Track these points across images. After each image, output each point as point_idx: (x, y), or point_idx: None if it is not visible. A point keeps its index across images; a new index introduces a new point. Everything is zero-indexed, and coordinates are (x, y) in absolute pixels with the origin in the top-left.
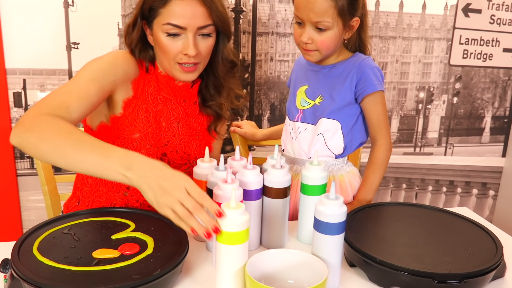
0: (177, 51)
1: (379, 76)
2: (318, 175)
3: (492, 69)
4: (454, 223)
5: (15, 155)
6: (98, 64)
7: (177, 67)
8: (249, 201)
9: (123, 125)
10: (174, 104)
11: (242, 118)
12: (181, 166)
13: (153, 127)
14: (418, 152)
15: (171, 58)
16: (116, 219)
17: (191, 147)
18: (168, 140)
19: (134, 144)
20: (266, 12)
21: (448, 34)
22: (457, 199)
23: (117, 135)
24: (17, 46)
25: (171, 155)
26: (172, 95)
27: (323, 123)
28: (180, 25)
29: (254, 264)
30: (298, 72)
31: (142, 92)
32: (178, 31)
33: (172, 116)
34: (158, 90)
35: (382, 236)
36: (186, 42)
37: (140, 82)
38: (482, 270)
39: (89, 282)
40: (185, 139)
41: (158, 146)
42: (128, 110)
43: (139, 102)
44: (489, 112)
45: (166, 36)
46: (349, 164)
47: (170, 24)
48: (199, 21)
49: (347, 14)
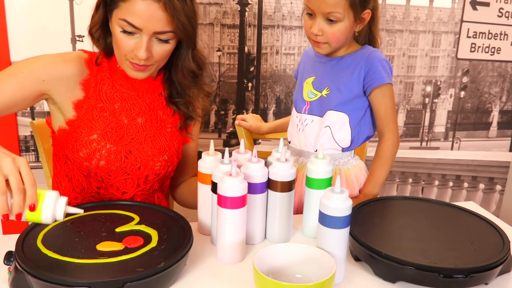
0: (129, 49)
1: (388, 68)
2: (324, 168)
3: (500, 63)
4: (460, 217)
5: (20, 148)
6: (30, 61)
7: (127, 63)
8: (253, 194)
9: (80, 127)
10: (134, 99)
11: (247, 112)
12: (150, 162)
13: (111, 126)
14: (424, 146)
15: (122, 54)
16: (120, 212)
17: (159, 141)
18: (132, 137)
19: (93, 146)
20: (271, 5)
21: (456, 27)
22: (464, 194)
23: (75, 138)
24: (22, 38)
25: (137, 152)
26: (132, 90)
27: (331, 116)
28: (135, 25)
29: (262, 259)
30: (306, 63)
31: (94, 92)
32: (133, 30)
33: (133, 112)
34: (114, 87)
35: (387, 230)
36: (139, 43)
37: (91, 81)
38: (488, 265)
39: (93, 275)
40: (152, 133)
41: (122, 145)
42: (81, 111)
43: (92, 102)
44: (496, 106)
45: (120, 32)
46: (355, 158)
47: (126, 21)
48: (157, 26)
49: (359, 7)
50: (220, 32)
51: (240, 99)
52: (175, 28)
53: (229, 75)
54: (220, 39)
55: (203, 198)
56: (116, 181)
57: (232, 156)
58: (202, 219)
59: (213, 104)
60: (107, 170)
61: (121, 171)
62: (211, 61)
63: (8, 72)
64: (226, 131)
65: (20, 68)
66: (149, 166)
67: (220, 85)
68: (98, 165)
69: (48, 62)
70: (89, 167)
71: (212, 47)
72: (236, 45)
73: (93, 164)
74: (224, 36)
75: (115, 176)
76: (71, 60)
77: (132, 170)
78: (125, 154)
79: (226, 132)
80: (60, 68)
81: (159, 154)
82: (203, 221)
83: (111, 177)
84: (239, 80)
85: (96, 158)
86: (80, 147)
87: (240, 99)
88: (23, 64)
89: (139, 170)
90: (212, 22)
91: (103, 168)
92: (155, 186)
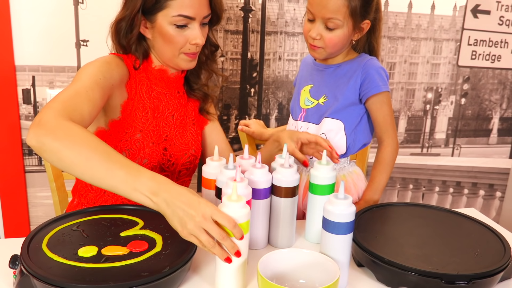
0: (185, 41)
1: (384, 76)
2: (327, 174)
3: (500, 70)
4: (462, 224)
5: (23, 152)
6: (97, 68)
7: (182, 57)
8: (257, 199)
9: (123, 128)
10: (168, 98)
11: (250, 117)
12: (181, 157)
13: (152, 124)
14: (425, 152)
15: (178, 49)
16: (125, 216)
17: (187, 136)
18: (166, 134)
19: (137, 144)
20: (275, 11)
21: (457, 35)
22: (464, 200)
23: (118, 139)
24: (27, 43)
25: (171, 148)
26: (166, 89)
27: (326, 123)
28: (191, 15)
29: (266, 264)
30: (304, 71)
31: (136, 93)
32: (186, 22)
33: (167, 110)
34: (150, 88)
35: (390, 236)
36: (194, 32)
37: (132, 83)
38: (490, 271)
39: (98, 279)
40: (181, 130)
41: (159, 142)
42: (126, 112)
43: (135, 103)
44: (497, 113)
45: (175, 28)
46: (352, 164)
47: (182, 15)
48: (204, 11)
49: (359, 16)
50: (223, 38)
51: (242, 104)
52: (214, 7)
53: (232, 81)
54: (223, 44)
55: None
56: None
57: (236, 161)
58: None
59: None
60: (148, 168)
61: (160, 168)
62: None
63: (85, 80)
64: (229, 136)
65: (95, 74)
66: (181, 161)
67: (222, 90)
68: (142, 163)
69: (110, 67)
70: None
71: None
72: (239, 50)
73: (136, 162)
74: (227, 42)
75: None
76: (120, 64)
77: (168, 166)
78: (162, 151)
79: (228, 137)
80: (118, 71)
81: (188, 149)
82: None
83: None
84: (242, 86)
85: (140, 156)
86: (124, 146)
87: (243, 104)
88: (94, 70)
89: (173, 166)
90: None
91: (146, 166)
92: (186, 183)
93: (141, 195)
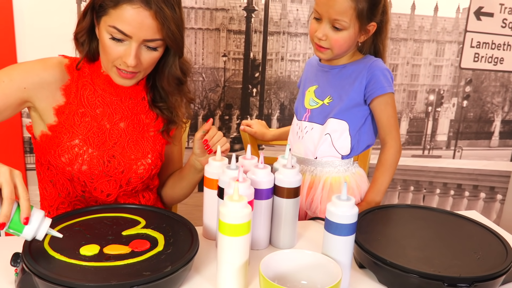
0: (117, 56)
1: (389, 78)
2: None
3: (503, 73)
4: (464, 226)
5: (24, 149)
6: (9, 69)
7: (114, 70)
8: (259, 200)
9: (61, 132)
10: (116, 104)
11: (252, 117)
12: (133, 166)
13: (93, 131)
14: (426, 154)
15: (110, 61)
16: (127, 215)
17: (143, 144)
18: (114, 141)
19: (75, 150)
20: (278, 12)
21: (460, 37)
22: (465, 203)
23: (57, 144)
24: (30, 41)
25: (120, 156)
26: (114, 95)
27: (331, 123)
28: (125, 32)
29: (268, 264)
30: (308, 72)
31: (75, 97)
32: (122, 37)
33: (115, 116)
34: (95, 93)
35: (391, 238)
36: (128, 50)
37: (72, 87)
38: (492, 274)
39: (99, 277)
40: (134, 138)
41: (104, 149)
42: (62, 117)
43: (73, 107)
44: (498, 116)
45: (109, 38)
46: (355, 165)
47: (115, 28)
48: (147, 34)
49: (365, 18)
50: (226, 38)
51: (244, 104)
52: (165, 36)
53: (234, 81)
54: (226, 44)
55: (209, 203)
56: (99, 184)
57: (238, 162)
58: (207, 224)
59: (217, 108)
60: (89, 174)
61: (103, 175)
62: (217, 66)
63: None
64: (230, 136)
65: (3, 75)
66: (133, 169)
67: (224, 90)
68: (81, 169)
69: (28, 69)
70: (71, 172)
71: (218, 52)
72: (242, 50)
73: (75, 169)
74: (230, 42)
75: (97, 180)
76: (51, 66)
77: (115, 173)
78: (108, 159)
79: (230, 137)
80: (40, 74)
81: (142, 157)
82: (208, 226)
83: (94, 180)
84: (244, 86)
85: (78, 163)
86: (62, 152)
87: (245, 104)
88: (2, 73)
89: (122, 173)
90: (218, 27)
91: (85, 172)
92: (139, 187)
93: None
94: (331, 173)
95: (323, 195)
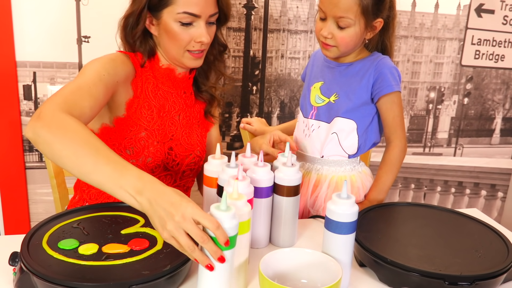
0: (189, 39)
1: (397, 76)
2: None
3: (503, 70)
4: (465, 224)
5: (24, 148)
6: (102, 64)
7: (187, 55)
8: (259, 198)
9: (128, 125)
10: (174, 97)
11: (252, 115)
12: (186, 158)
13: (158, 123)
14: (427, 152)
15: (182, 47)
16: (126, 214)
17: (193, 137)
18: (172, 134)
19: (142, 143)
20: (278, 9)
21: (460, 34)
22: (466, 200)
23: (123, 136)
24: (28, 38)
25: (176, 148)
26: (172, 88)
27: (338, 122)
28: (196, 13)
29: (268, 263)
30: (314, 66)
31: (142, 91)
32: (192, 19)
33: (173, 109)
34: (157, 86)
35: (392, 236)
36: (199, 30)
37: (138, 81)
38: (494, 273)
39: (98, 276)
40: (187, 130)
41: (164, 142)
42: (131, 110)
43: (140, 101)
44: (499, 113)
45: (179, 25)
46: (361, 164)
47: (187, 12)
48: (210, 9)
49: (371, 14)
50: (225, 35)
51: (244, 102)
52: (221, 6)
53: (234, 78)
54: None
55: (209, 202)
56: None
57: (238, 160)
58: None
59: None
60: (152, 167)
61: (163, 168)
62: None
63: (91, 77)
64: (230, 134)
65: (99, 70)
66: (186, 161)
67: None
68: (145, 162)
69: (116, 64)
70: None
71: None
72: (242, 48)
73: (140, 161)
74: (229, 39)
75: (158, 173)
76: (126, 61)
77: (172, 166)
78: (166, 151)
79: (230, 135)
80: (123, 69)
81: (194, 149)
82: None
83: (154, 173)
84: (244, 83)
85: (144, 155)
86: (128, 144)
87: (245, 102)
88: (98, 66)
89: (177, 166)
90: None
91: (149, 165)
92: (189, 183)
93: (125, 193)
94: (337, 172)
95: (328, 194)
